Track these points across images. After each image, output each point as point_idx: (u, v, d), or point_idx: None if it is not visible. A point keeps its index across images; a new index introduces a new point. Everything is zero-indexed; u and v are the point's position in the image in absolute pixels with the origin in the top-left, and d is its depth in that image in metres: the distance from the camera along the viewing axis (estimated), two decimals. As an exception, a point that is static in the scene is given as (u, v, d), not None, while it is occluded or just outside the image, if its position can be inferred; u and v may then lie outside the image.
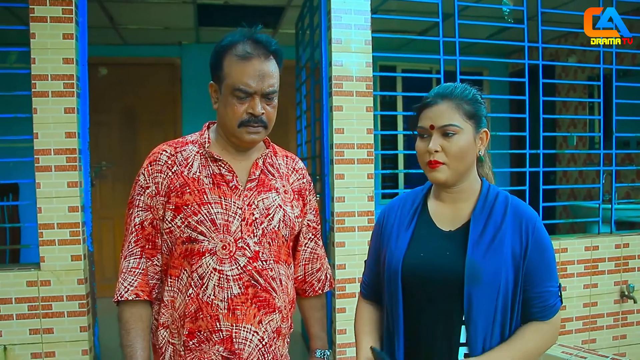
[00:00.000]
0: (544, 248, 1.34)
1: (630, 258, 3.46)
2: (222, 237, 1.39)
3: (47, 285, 2.55)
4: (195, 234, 1.39)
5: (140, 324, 1.43)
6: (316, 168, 3.47)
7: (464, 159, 1.33)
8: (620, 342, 3.47)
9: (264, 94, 1.39)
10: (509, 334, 1.31)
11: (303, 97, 3.97)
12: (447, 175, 1.33)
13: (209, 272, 1.39)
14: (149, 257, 1.45)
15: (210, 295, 1.39)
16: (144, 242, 1.45)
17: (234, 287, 1.39)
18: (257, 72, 1.37)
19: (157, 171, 1.44)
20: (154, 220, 1.44)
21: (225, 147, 1.48)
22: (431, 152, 1.31)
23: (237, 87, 1.37)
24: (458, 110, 1.32)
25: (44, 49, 2.53)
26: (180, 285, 1.42)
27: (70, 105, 2.56)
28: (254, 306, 1.42)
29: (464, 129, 1.32)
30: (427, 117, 1.33)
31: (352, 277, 2.94)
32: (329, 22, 2.94)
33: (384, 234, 1.47)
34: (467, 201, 1.39)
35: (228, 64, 1.39)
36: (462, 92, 1.35)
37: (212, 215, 1.39)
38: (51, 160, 2.55)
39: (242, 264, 1.40)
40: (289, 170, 1.59)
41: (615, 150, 3.53)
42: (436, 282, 1.31)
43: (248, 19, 4.67)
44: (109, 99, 5.17)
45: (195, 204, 1.39)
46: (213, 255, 1.39)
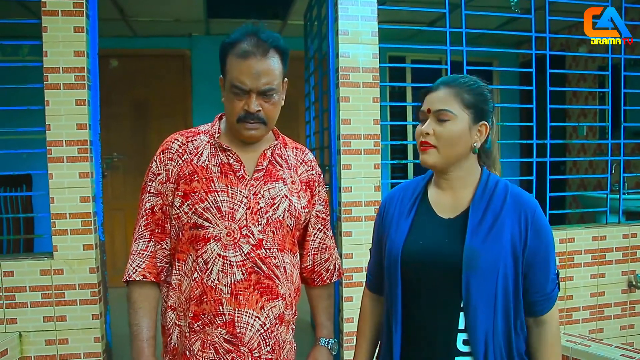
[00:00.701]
0: (544, 236, 1.35)
1: (638, 248, 3.45)
2: (227, 224, 1.43)
3: (60, 274, 2.61)
4: (201, 220, 1.43)
5: (147, 304, 1.49)
6: (324, 158, 3.50)
7: (455, 146, 1.35)
8: (628, 331, 3.48)
9: (260, 92, 1.42)
10: (514, 322, 1.33)
11: (311, 89, 3.99)
12: (436, 159, 1.36)
13: (214, 257, 1.43)
14: (158, 241, 1.50)
15: (215, 280, 1.43)
16: (154, 226, 1.50)
17: (237, 273, 1.43)
18: (252, 70, 1.40)
19: (168, 159, 1.49)
20: (163, 205, 1.49)
21: (234, 138, 1.51)
22: (423, 134, 1.35)
23: (234, 84, 1.42)
24: (456, 98, 1.34)
25: (55, 42, 2.58)
26: (187, 269, 1.47)
27: (82, 97, 2.61)
28: (257, 292, 1.45)
29: (458, 116, 1.34)
30: (427, 102, 1.37)
31: (360, 267, 2.97)
32: (336, 13, 2.95)
33: (385, 223, 1.49)
34: (466, 189, 1.41)
35: (229, 61, 1.43)
36: (466, 82, 1.37)
37: (218, 203, 1.43)
38: (63, 152, 2.60)
39: (245, 251, 1.44)
40: (297, 162, 1.61)
41: (624, 140, 3.51)
42: (435, 269, 1.33)
43: (257, 11, 4.67)
44: (120, 91, 5.21)
45: (202, 192, 1.44)
46: (218, 241, 1.43)
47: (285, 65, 1.49)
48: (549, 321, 1.40)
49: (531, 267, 1.34)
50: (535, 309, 1.37)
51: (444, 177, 1.41)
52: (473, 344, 1.29)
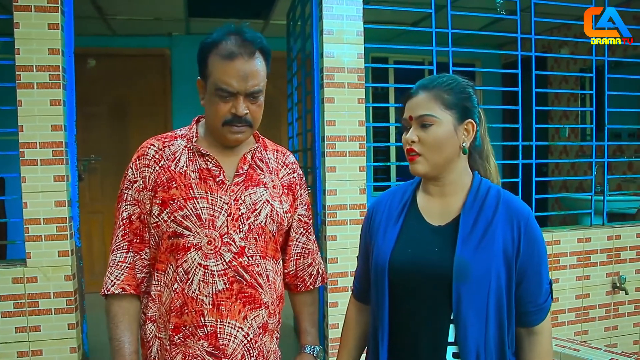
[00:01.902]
0: (537, 245, 1.30)
1: (622, 250, 3.46)
2: (207, 232, 1.39)
3: (34, 282, 2.50)
4: (181, 228, 1.38)
5: (127, 317, 1.43)
6: (307, 160, 3.43)
7: (441, 150, 1.29)
8: (612, 333, 3.49)
9: (247, 94, 1.37)
10: (508, 334, 1.27)
11: (294, 89, 3.93)
12: (426, 167, 1.31)
13: (194, 267, 1.38)
14: (137, 251, 1.45)
15: (195, 290, 1.38)
16: (132, 236, 1.44)
17: (219, 282, 1.39)
18: (240, 72, 1.35)
19: (144, 165, 1.43)
20: (141, 214, 1.44)
21: (213, 141, 1.46)
22: (408, 142, 1.30)
23: (220, 87, 1.35)
24: (436, 100, 1.29)
25: (28, 39, 2.47)
26: (167, 280, 1.42)
27: (57, 97, 2.51)
28: (239, 302, 1.41)
29: (441, 119, 1.28)
30: (408, 108, 1.32)
31: (345, 271, 2.91)
32: (320, 12, 2.89)
33: (372, 229, 1.43)
34: (456, 195, 1.35)
35: (212, 62, 1.37)
36: (445, 82, 1.32)
37: (197, 210, 1.38)
38: (37, 154, 2.50)
39: (227, 260, 1.39)
40: (278, 165, 1.56)
41: (608, 142, 3.52)
42: (424, 279, 1.28)
43: (239, 10, 4.60)
44: (97, 90, 5.09)
45: (181, 199, 1.39)
46: (198, 250, 1.38)
47: (269, 65, 1.43)
48: (541, 332, 1.35)
49: (524, 276, 1.29)
50: (527, 319, 1.32)
51: (434, 183, 1.36)
52: (463, 357, 1.23)
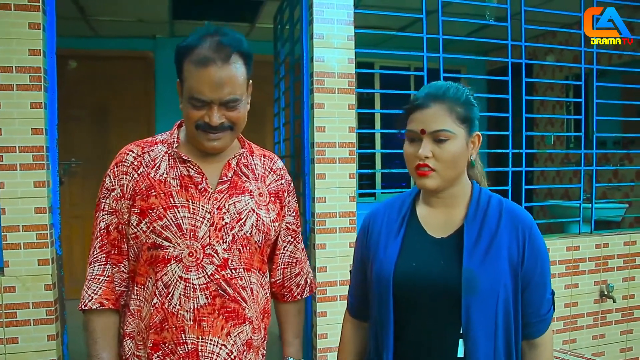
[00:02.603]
0: (541, 254, 1.28)
1: (609, 258, 3.46)
2: (188, 243, 1.32)
3: (12, 292, 2.39)
4: (160, 239, 1.32)
5: (106, 333, 1.38)
6: (295, 167, 3.38)
7: (456, 166, 1.26)
8: (599, 341, 3.48)
9: (222, 103, 1.30)
10: (515, 347, 1.24)
11: (281, 94, 3.87)
12: (438, 182, 1.26)
13: (175, 280, 1.32)
14: (115, 263, 1.38)
15: (176, 305, 1.32)
16: (110, 247, 1.38)
17: (201, 297, 1.32)
18: (214, 79, 1.27)
19: (122, 173, 1.37)
20: (119, 224, 1.37)
21: (195, 147, 1.40)
22: (421, 158, 1.24)
23: (193, 95, 1.29)
24: (451, 114, 1.24)
25: (7, 38, 2.37)
26: (146, 294, 1.36)
27: (37, 99, 2.41)
28: (222, 317, 1.34)
29: (456, 134, 1.24)
30: (418, 121, 1.25)
31: (334, 280, 2.86)
32: (310, 16, 2.84)
33: (370, 243, 1.38)
34: (458, 206, 1.32)
35: (186, 68, 1.30)
36: (455, 93, 1.27)
37: (178, 220, 1.32)
38: (16, 158, 2.39)
39: (209, 272, 1.33)
40: (265, 171, 1.50)
41: (596, 150, 3.52)
42: (431, 294, 1.24)
43: (224, 13, 4.52)
44: (79, 93, 4.98)
45: (160, 208, 1.32)
46: (179, 262, 1.32)
47: (250, 68, 1.36)
48: (542, 344, 1.33)
49: (527, 287, 1.27)
50: (529, 331, 1.30)
51: (437, 195, 1.31)
52: None
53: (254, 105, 1.38)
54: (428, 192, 1.31)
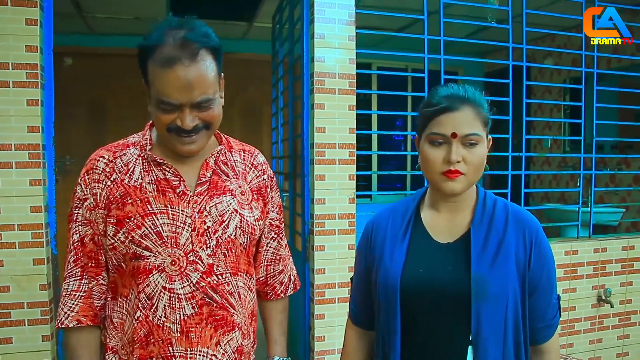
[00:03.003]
0: (547, 259, 1.28)
1: (607, 262, 3.46)
2: (170, 252, 1.25)
3: (6, 292, 2.35)
4: (140, 249, 1.24)
5: (87, 351, 1.31)
6: (294, 167, 3.35)
7: (481, 170, 1.24)
8: (596, 346, 3.48)
9: (193, 105, 1.20)
10: (525, 352, 1.23)
11: (280, 94, 3.84)
12: (464, 186, 1.24)
13: (158, 291, 1.25)
14: (93, 276, 1.30)
15: (161, 317, 1.25)
16: (86, 260, 1.30)
17: (187, 306, 1.25)
18: (182, 80, 1.17)
19: (94, 181, 1.29)
20: (95, 235, 1.29)
21: (168, 148, 1.31)
22: (453, 162, 1.20)
23: (161, 99, 1.19)
24: (478, 117, 1.22)
25: (4, 34, 2.33)
26: (129, 307, 1.28)
27: (34, 97, 2.37)
28: (210, 326, 1.28)
29: (483, 138, 1.23)
30: (448, 124, 1.21)
31: (332, 282, 2.83)
32: (311, 15, 2.81)
33: (374, 250, 1.35)
34: (464, 210, 1.31)
35: (151, 70, 1.20)
36: (479, 97, 1.25)
37: (157, 228, 1.24)
38: (12, 156, 2.35)
39: (194, 281, 1.26)
40: (246, 167, 1.43)
41: (595, 155, 3.51)
42: (440, 300, 1.22)
43: (222, 11, 4.48)
44: (74, 90, 4.94)
45: (138, 216, 1.24)
46: (161, 272, 1.24)
47: (220, 62, 1.28)
48: (549, 351, 1.32)
49: (534, 291, 1.26)
50: (536, 336, 1.29)
51: (448, 199, 1.29)
52: None
53: (251, 105, 1.33)
54: (447, 196, 1.28)
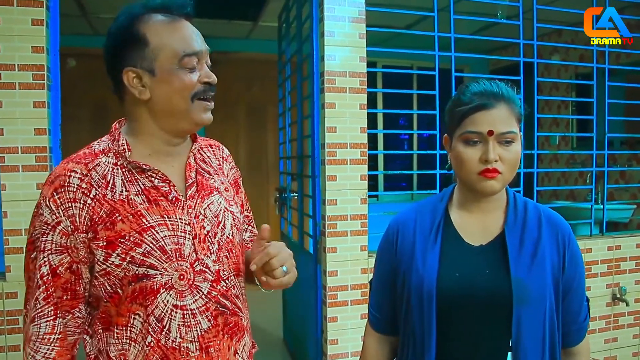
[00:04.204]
0: (579, 261, 1.26)
1: (622, 260, 3.41)
2: (176, 266, 1.13)
3: (13, 298, 2.31)
4: (144, 269, 1.11)
5: None
6: (303, 168, 3.30)
7: (516, 168, 1.20)
8: (612, 345, 3.43)
9: (205, 56, 1.18)
10: (559, 357, 1.21)
11: (287, 93, 3.80)
12: (501, 185, 1.21)
13: (169, 311, 1.13)
14: (67, 311, 1.14)
15: (176, 338, 1.14)
16: (60, 292, 1.13)
17: (203, 321, 1.16)
18: (194, 31, 1.17)
19: (68, 200, 1.10)
20: (72, 263, 1.12)
21: (151, 149, 1.19)
22: (491, 161, 1.16)
23: (185, 52, 1.12)
24: (513, 114, 1.19)
25: (10, 35, 2.29)
26: (133, 334, 1.14)
27: (40, 98, 2.33)
28: (227, 337, 1.20)
29: (518, 135, 1.19)
30: (484, 122, 1.17)
31: (345, 285, 2.78)
32: (321, 13, 2.77)
33: (402, 254, 1.30)
34: (495, 211, 1.27)
35: (156, 33, 1.13)
36: (513, 93, 1.21)
37: (159, 242, 1.12)
38: (18, 160, 2.31)
39: (205, 292, 1.17)
40: (220, 162, 1.35)
41: (608, 151, 3.47)
42: (478, 305, 1.18)
43: (226, 11, 4.45)
44: (78, 91, 4.92)
45: (134, 233, 1.10)
46: (170, 289, 1.13)
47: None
48: (581, 352, 1.31)
49: (567, 294, 1.23)
50: (569, 339, 1.28)
51: (483, 200, 1.25)
52: None
53: (256, 104, 1.28)
54: (484, 195, 1.23)
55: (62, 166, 1.14)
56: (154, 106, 1.16)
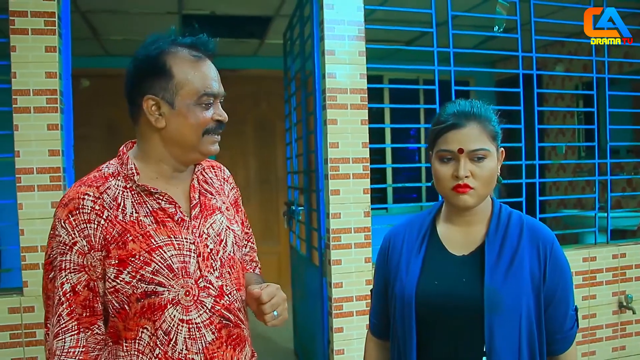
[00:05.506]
0: (563, 271, 1.28)
1: (627, 268, 3.42)
2: (182, 283, 1.21)
3: (31, 312, 2.41)
4: (153, 286, 1.18)
5: None
6: (309, 182, 3.38)
7: (491, 183, 1.27)
8: (620, 353, 3.43)
9: (222, 97, 1.29)
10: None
11: (293, 110, 3.89)
12: (475, 199, 1.26)
13: (175, 325, 1.21)
14: (88, 327, 1.19)
15: (182, 350, 1.22)
16: (80, 310, 1.18)
17: (207, 334, 1.24)
18: (215, 73, 1.27)
19: (83, 222, 1.17)
20: (90, 281, 1.18)
21: (158, 173, 1.28)
22: (461, 177, 1.23)
23: (205, 92, 1.22)
24: (485, 132, 1.25)
25: (25, 62, 2.41)
26: (141, 347, 1.21)
27: (54, 121, 2.44)
28: (229, 347, 1.28)
29: (491, 151, 1.25)
30: (454, 140, 1.24)
31: (350, 296, 2.85)
32: (321, 32, 2.86)
33: (390, 263, 1.39)
34: (479, 223, 1.33)
35: (182, 69, 1.22)
36: (485, 111, 1.28)
37: (167, 261, 1.20)
38: (34, 180, 2.42)
39: (209, 306, 1.25)
40: (221, 182, 1.45)
41: (610, 160, 3.50)
42: (454, 312, 1.24)
43: (234, 30, 4.57)
44: (91, 112, 5.04)
45: (144, 252, 1.18)
46: (177, 305, 1.21)
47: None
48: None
49: (550, 303, 1.26)
50: (553, 348, 1.30)
51: (464, 213, 1.31)
52: None
53: (264, 120, 1.36)
54: (460, 209, 1.30)
55: (75, 189, 1.21)
56: (167, 134, 1.24)
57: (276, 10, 4.29)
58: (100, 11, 4.11)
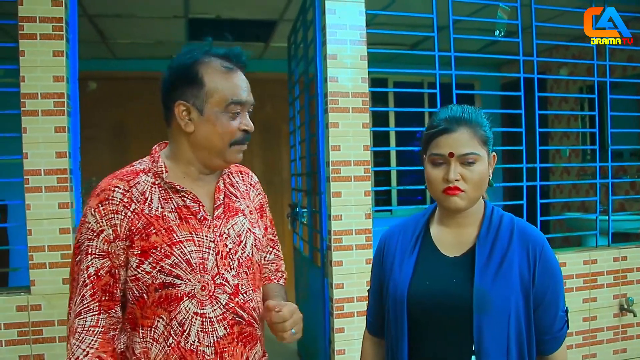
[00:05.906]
0: (553, 273, 1.31)
1: (628, 271, 3.43)
2: (199, 278, 1.27)
3: (38, 310, 2.47)
4: (171, 278, 1.25)
5: None
6: (312, 185, 3.42)
7: (482, 187, 1.30)
8: (621, 355, 3.44)
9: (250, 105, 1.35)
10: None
11: (297, 112, 3.93)
12: (466, 202, 1.30)
13: (190, 317, 1.27)
14: (106, 310, 1.26)
15: (194, 342, 1.27)
16: (101, 293, 1.25)
17: (219, 329, 1.29)
18: (245, 83, 1.32)
19: (111, 212, 1.24)
20: (112, 268, 1.25)
21: (182, 173, 1.35)
22: (451, 181, 1.27)
23: (232, 100, 1.29)
24: (475, 137, 1.28)
25: (33, 66, 2.47)
26: (156, 335, 1.28)
27: (61, 124, 2.50)
28: (240, 344, 1.33)
29: (482, 156, 1.29)
30: (445, 145, 1.28)
31: (351, 297, 2.88)
32: (323, 37, 2.90)
33: (385, 263, 1.43)
34: (471, 225, 1.36)
35: (212, 78, 1.29)
36: (476, 116, 1.31)
37: (186, 255, 1.26)
38: (41, 181, 2.48)
39: (223, 302, 1.30)
40: (247, 187, 1.50)
41: (612, 163, 3.51)
42: (444, 312, 1.27)
43: (240, 33, 4.61)
44: (98, 113, 5.10)
45: (165, 245, 1.25)
46: (192, 298, 1.27)
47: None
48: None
49: (539, 305, 1.29)
50: (543, 348, 1.33)
51: (455, 215, 1.35)
52: None
53: (269, 123, 1.41)
54: (452, 211, 1.33)
55: (107, 181, 1.29)
56: (194, 139, 1.32)
57: (280, 15, 4.34)
58: (107, 15, 4.17)
